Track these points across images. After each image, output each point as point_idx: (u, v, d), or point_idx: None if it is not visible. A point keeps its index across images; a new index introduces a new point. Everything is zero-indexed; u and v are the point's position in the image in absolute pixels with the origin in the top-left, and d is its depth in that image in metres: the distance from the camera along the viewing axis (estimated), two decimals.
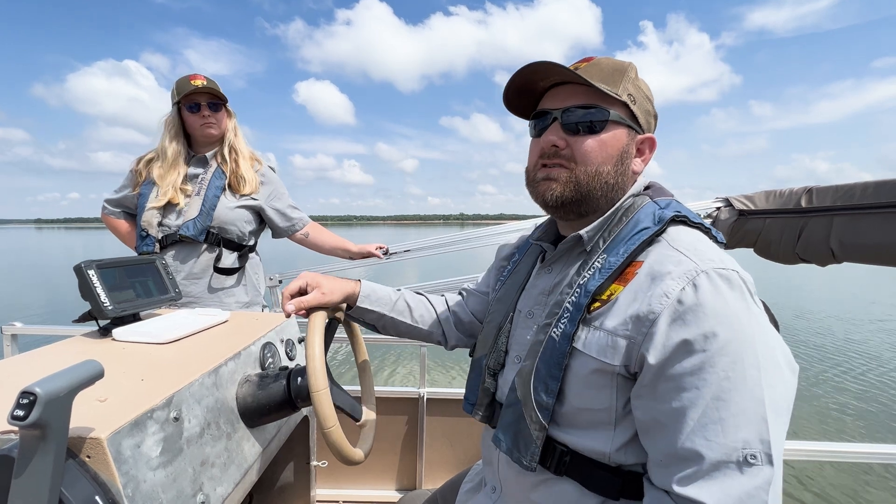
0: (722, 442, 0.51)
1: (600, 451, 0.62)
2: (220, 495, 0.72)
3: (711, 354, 0.53)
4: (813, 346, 6.51)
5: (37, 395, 0.43)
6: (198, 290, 1.63)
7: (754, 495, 0.49)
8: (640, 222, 0.66)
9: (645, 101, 0.72)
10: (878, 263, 1.13)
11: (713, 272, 0.56)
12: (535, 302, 0.77)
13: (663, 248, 0.62)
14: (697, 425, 0.52)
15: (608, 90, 0.67)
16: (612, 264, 0.64)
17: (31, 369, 0.78)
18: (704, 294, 0.55)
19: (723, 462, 0.50)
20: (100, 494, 0.52)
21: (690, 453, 0.52)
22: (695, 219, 0.66)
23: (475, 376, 0.83)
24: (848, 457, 1.21)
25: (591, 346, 0.62)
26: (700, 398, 0.52)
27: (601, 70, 0.69)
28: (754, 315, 0.55)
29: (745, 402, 0.51)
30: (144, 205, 1.60)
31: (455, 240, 1.87)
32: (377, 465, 1.75)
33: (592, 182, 0.68)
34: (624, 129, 0.70)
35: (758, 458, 0.50)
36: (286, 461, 1.28)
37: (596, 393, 0.62)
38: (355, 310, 0.94)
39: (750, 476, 0.50)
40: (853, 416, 4.28)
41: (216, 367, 0.79)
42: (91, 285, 0.91)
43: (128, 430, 0.57)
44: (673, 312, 0.56)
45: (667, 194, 0.72)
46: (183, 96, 1.57)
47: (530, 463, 0.66)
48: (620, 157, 0.70)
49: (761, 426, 0.51)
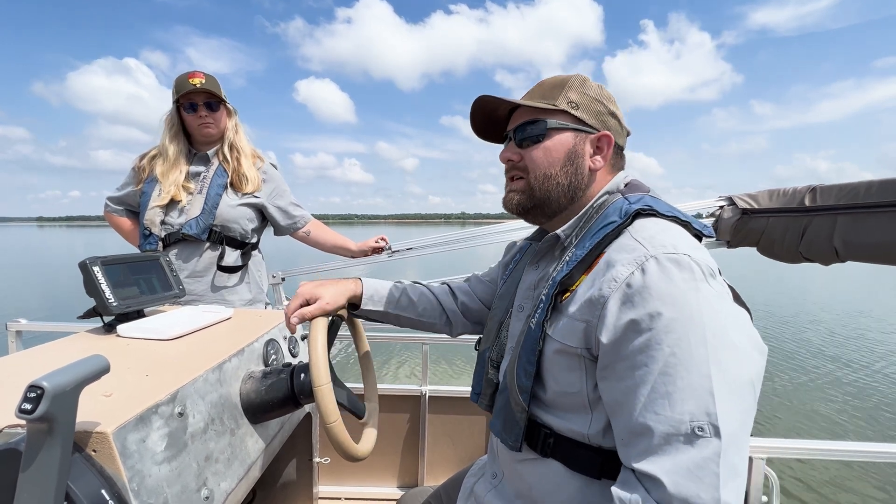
0: (669, 415, 0.53)
1: (580, 433, 0.66)
2: (223, 490, 0.73)
3: (657, 332, 0.55)
4: (815, 346, 6.50)
5: (44, 389, 0.44)
6: (201, 288, 1.63)
7: (703, 466, 0.50)
8: (608, 217, 0.70)
9: (593, 103, 0.77)
10: (882, 262, 1.13)
11: (662, 256, 0.59)
12: (525, 296, 0.83)
13: (625, 238, 0.66)
14: (647, 401, 0.54)
15: (545, 104, 0.75)
16: (577, 257, 0.68)
17: (37, 365, 0.78)
18: (651, 277, 0.58)
19: (671, 435, 0.52)
20: (105, 488, 0.53)
21: (643, 428, 0.54)
22: (666, 211, 0.69)
23: (480, 368, 0.89)
24: (855, 455, 1.21)
25: (558, 331, 0.67)
26: (649, 374, 0.55)
27: (542, 88, 0.78)
28: (703, 294, 0.57)
29: (692, 376, 0.53)
30: (147, 203, 1.60)
31: (457, 238, 1.87)
32: (379, 462, 1.76)
33: (543, 185, 0.76)
34: (569, 133, 0.76)
35: (705, 430, 0.51)
36: (289, 458, 1.28)
37: (568, 375, 0.66)
38: (359, 311, 0.97)
39: (699, 448, 0.51)
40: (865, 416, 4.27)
41: (220, 363, 0.80)
42: (96, 282, 0.92)
43: (133, 425, 0.57)
44: (622, 295, 0.59)
45: (642, 190, 0.76)
46: (181, 96, 1.57)
47: (514, 443, 0.71)
48: (568, 159, 0.76)
49: (707, 399, 0.52)
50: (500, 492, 0.78)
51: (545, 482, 0.70)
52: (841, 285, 12.47)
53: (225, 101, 1.64)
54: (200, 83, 1.56)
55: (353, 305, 0.96)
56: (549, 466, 0.69)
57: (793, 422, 4.14)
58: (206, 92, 1.58)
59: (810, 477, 3.10)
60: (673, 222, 0.69)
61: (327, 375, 0.74)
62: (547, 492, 0.69)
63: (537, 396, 0.71)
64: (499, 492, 0.79)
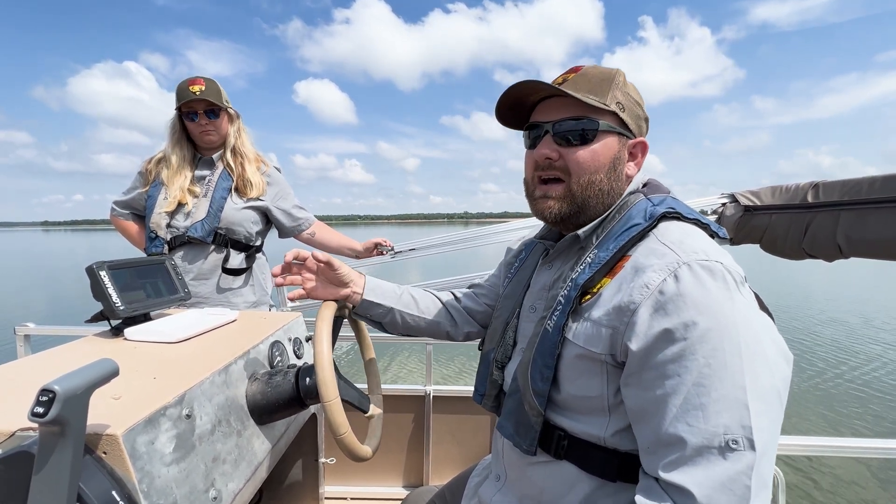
0: (703, 427, 0.52)
1: (596, 435, 0.65)
2: (231, 491, 0.74)
3: (692, 342, 0.54)
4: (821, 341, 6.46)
5: (56, 393, 0.45)
6: (206, 291, 1.65)
7: (736, 480, 0.50)
8: (632, 219, 0.68)
9: (634, 107, 0.74)
10: (886, 258, 1.13)
11: (695, 263, 0.58)
12: (538, 297, 0.80)
13: (651, 242, 0.64)
14: (680, 412, 0.53)
15: (596, 101, 0.69)
16: (601, 259, 0.66)
17: (47, 368, 0.79)
18: (685, 284, 0.56)
19: (705, 447, 0.51)
20: (116, 489, 0.54)
21: (674, 439, 0.53)
22: (689, 214, 0.68)
23: (484, 369, 0.87)
24: (862, 452, 1.20)
25: (580, 335, 0.65)
26: (682, 385, 0.54)
27: (589, 81, 0.71)
28: (737, 304, 0.56)
29: (727, 388, 0.52)
30: (153, 206, 1.62)
31: (460, 238, 1.87)
32: (384, 462, 1.77)
33: (586, 191, 0.71)
34: (615, 137, 0.72)
35: (739, 443, 0.51)
36: (295, 458, 1.29)
37: (588, 381, 0.65)
38: (362, 303, 0.95)
39: (732, 461, 0.50)
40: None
41: (226, 365, 0.81)
42: (103, 286, 0.93)
43: (142, 427, 0.58)
44: (654, 302, 0.57)
45: (663, 191, 0.74)
46: (181, 105, 1.59)
47: (529, 447, 0.69)
48: (613, 164, 0.72)
49: (742, 412, 0.51)
50: (504, 494, 0.78)
51: (557, 484, 0.68)
52: (845, 281, 12.38)
53: (225, 108, 1.65)
54: (200, 91, 1.57)
55: (357, 300, 0.95)
56: (561, 468, 0.68)
57: (798, 418, 4.12)
58: (206, 100, 1.59)
59: (816, 473, 3.08)
60: (695, 225, 0.67)
61: (335, 389, 0.74)
62: (559, 494, 0.68)
63: (552, 399, 0.68)
64: (503, 494, 0.78)
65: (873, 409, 4.34)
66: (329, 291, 0.93)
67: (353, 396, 0.92)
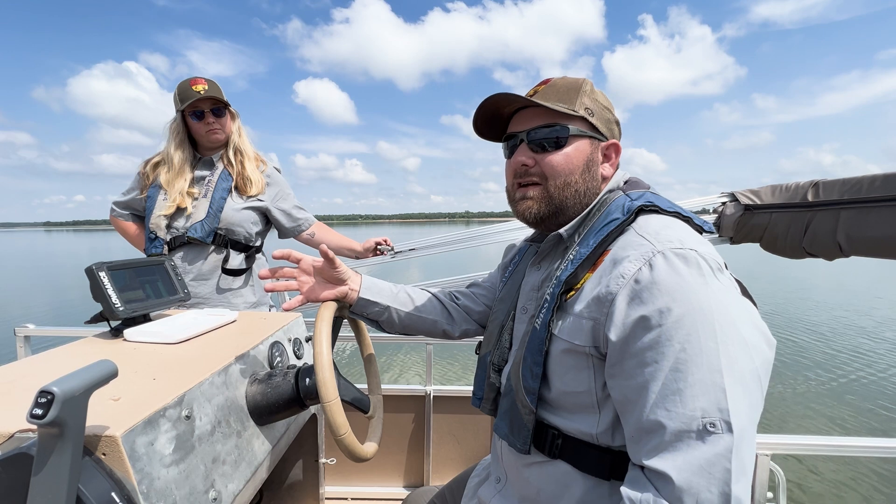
0: (681, 412, 0.52)
1: (588, 433, 0.66)
2: (231, 492, 0.74)
3: (667, 328, 0.55)
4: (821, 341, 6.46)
5: (54, 395, 0.44)
6: (206, 291, 1.65)
7: (715, 463, 0.50)
8: (611, 214, 0.70)
9: (603, 111, 0.77)
10: (886, 257, 1.13)
11: (669, 251, 0.59)
12: (528, 298, 0.82)
13: (630, 235, 0.66)
14: (658, 398, 0.54)
15: (566, 108, 0.73)
16: (582, 255, 0.68)
17: (46, 370, 0.79)
18: (659, 272, 0.58)
19: (683, 431, 0.52)
20: (116, 491, 0.54)
21: (654, 425, 0.54)
22: (668, 207, 0.69)
23: (481, 372, 0.88)
24: (862, 451, 1.20)
25: (564, 330, 0.67)
26: (659, 371, 0.55)
27: (557, 91, 0.75)
28: (712, 289, 0.57)
29: (703, 372, 0.53)
30: (152, 207, 1.62)
31: (460, 238, 1.87)
32: (385, 462, 1.77)
33: (563, 192, 0.75)
34: (586, 140, 0.76)
35: (717, 426, 0.51)
36: (295, 459, 1.29)
37: (576, 375, 0.66)
38: (358, 302, 0.95)
39: (711, 444, 0.51)
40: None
41: (226, 366, 0.80)
42: (102, 287, 0.93)
43: (141, 428, 0.58)
44: (630, 291, 0.59)
45: (643, 187, 0.77)
46: (187, 104, 1.58)
47: (523, 446, 0.71)
48: (587, 166, 0.75)
49: (719, 395, 0.52)
50: (504, 496, 0.78)
51: (553, 484, 0.69)
52: (845, 280, 12.36)
53: (229, 105, 1.66)
54: (204, 90, 1.57)
55: (353, 299, 0.94)
56: (556, 468, 0.69)
57: (798, 418, 4.12)
58: (212, 98, 1.59)
59: (817, 473, 3.08)
60: (675, 218, 0.69)
61: (335, 390, 0.74)
62: (554, 494, 0.69)
63: (543, 397, 0.70)
64: (503, 496, 0.78)
65: (874, 408, 4.33)
66: (326, 290, 0.93)
67: (354, 397, 0.91)
